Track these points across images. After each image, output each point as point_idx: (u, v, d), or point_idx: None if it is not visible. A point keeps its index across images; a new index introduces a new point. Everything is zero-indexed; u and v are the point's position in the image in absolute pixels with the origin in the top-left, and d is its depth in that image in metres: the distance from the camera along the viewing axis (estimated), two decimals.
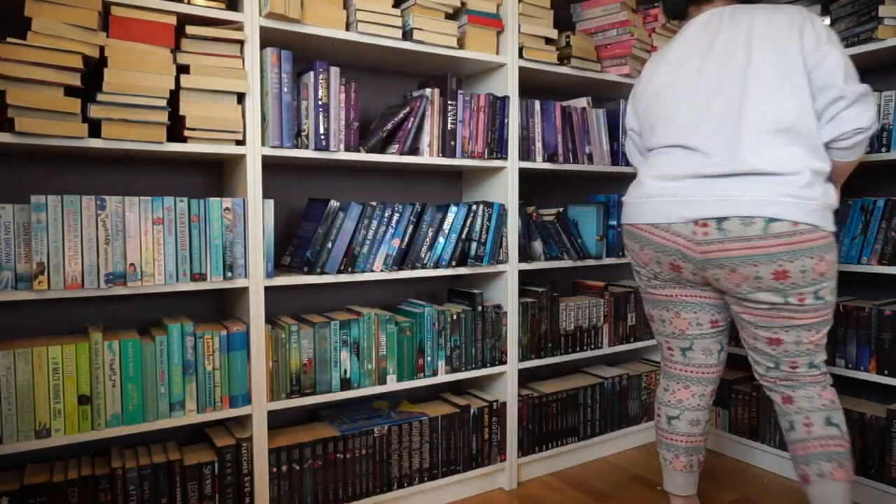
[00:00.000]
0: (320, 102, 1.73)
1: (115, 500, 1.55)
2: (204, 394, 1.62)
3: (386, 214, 1.87)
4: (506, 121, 2.08)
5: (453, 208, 1.98)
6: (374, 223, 1.85)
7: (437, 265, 1.98)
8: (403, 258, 1.91)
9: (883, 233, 1.94)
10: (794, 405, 1.57)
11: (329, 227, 1.78)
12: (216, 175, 1.90)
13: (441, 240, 1.98)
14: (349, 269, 1.81)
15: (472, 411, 2.07)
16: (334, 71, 1.75)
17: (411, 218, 1.91)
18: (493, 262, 2.07)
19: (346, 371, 1.82)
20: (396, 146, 1.89)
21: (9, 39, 1.34)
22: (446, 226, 1.98)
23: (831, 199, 1.43)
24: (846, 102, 1.41)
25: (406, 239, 1.91)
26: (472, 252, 2.03)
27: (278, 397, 1.73)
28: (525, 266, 2.15)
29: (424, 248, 1.95)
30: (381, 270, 1.87)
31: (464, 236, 2.01)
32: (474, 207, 2.02)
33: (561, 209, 2.32)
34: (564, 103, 2.30)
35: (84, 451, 1.73)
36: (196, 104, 1.57)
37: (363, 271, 1.84)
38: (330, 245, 1.78)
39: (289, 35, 1.73)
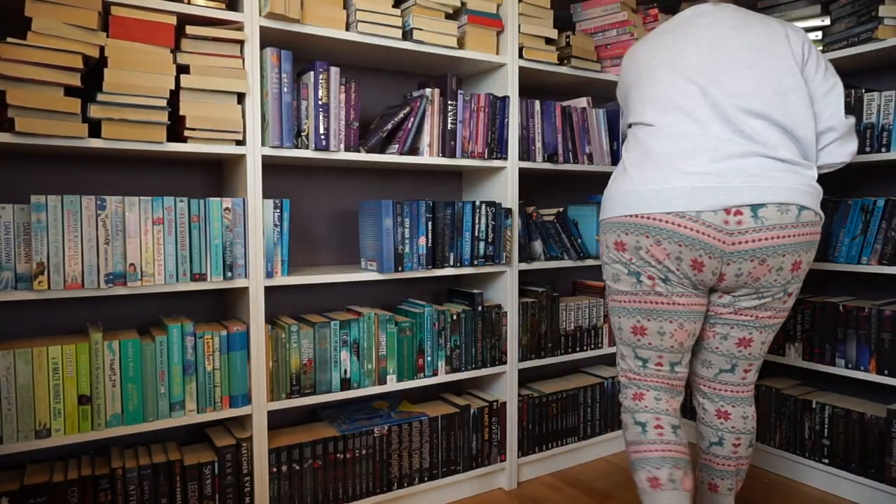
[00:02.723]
0: (320, 102, 1.73)
1: (115, 500, 1.55)
2: (204, 394, 1.62)
3: (409, 210, 1.89)
4: (506, 121, 2.08)
5: (459, 205, 1.98)
6: (407, 221, 1.89)
7: (461, 264, 2.00)
8: (433, 257, 1.94)
9: (883, 233, 1.94)
10: (728, 422, 1.58)
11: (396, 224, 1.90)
12: (216, 175, 1.90)
13: (459, 239, 1.99)
14: (399, 269, 1.89)
15: (472, 411, 2.07)
16: (334, 71, 1.75)
17: (427, 214, 1.92)
18: (504, 261, 2.07)
19: (346, 371, 1.83)
20: (396, 146, 1.89)
21: (9, 39, 1.34)
22: (460, 224, 1.99)
23: None
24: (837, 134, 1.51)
25: (430, 237, 1.93)
26: (482, 251, 2.04)
27: (278, 397, 1.73)
28: (525, 266, 2.15)
29: (447, 246, 1.97)
30: (418, 269, 1.91)
31: (476, 235, 2.02)
32: (479, 206, 2.02)
33: (561, 209, 2.32)
34: (564, 103, 2.30)
35: (84, 451, 1.72)
36: (196, 104, 1.57)
37: (411, 270, 1.91)
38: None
39: (289, 35, 1.73)
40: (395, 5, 1.92)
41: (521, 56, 2.11)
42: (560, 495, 2.12)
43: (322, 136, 1.74)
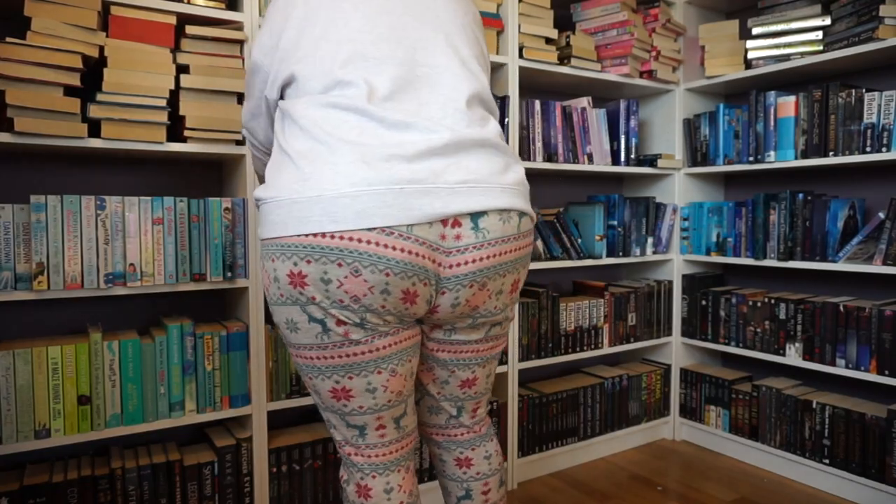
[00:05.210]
0: None
1: (114, 501, 1.55)
2: (204, 394, 1.62)
3: None
4: (506, 120, 2.07)
5: None
6: None
7: None
8: None
9: (887, 233, 1.94)
10: (472, 469, 1.25)
11: None
12: (216, 175, 1.90)
13: None
14: None
15: None
16: None
17: None
18: None
19: None
20: None
21: (8, 39, 1.34)
22: None
23: None
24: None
25: None
26: None
27: (278, 397, 1.73)
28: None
29: None
30: None
31: None
32: None
33: (561, 209, 2.32)
34: (564, 103, 2.30)
35: (84, 451, 1.72)
36: (196, 104, 1.57)
37: None
38: None
39: None
40: None
41: (521, 56, 2.11)
42: (560, 495, 2.11)
43: None
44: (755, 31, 2.25)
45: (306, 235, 0.96)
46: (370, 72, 1.02)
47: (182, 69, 1.58)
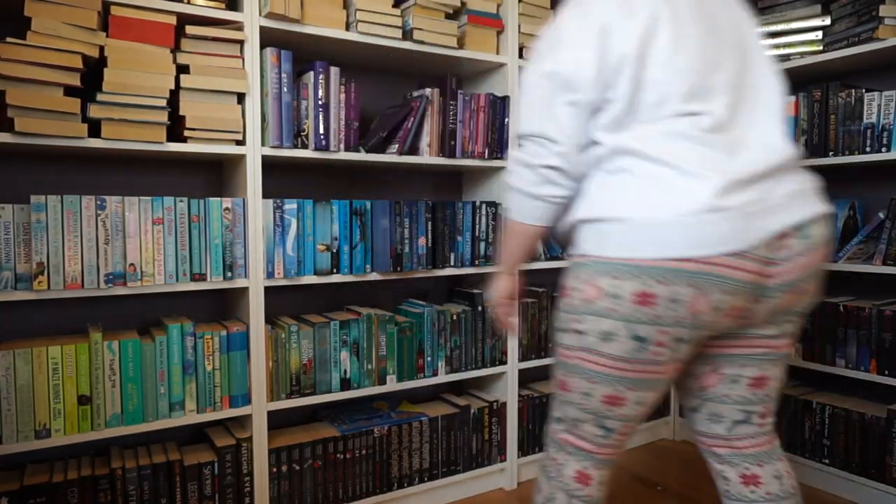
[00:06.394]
0: (320, 102, 1.73)
1: (114, 501, 1.55)
2: (204, 394, 1.62)
3: (408, 211, 1.89)
4: (506, 121, 2.07)
5: (459, 205, 1.99)
6: (407, 221, 1.89)
7: (461, 265, 2.01)
8: (433, 257, 1.95)
9: (887, 233, 1.94)
10: (761, 489, 1.16)
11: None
12: (216, 175, 1.90)
13: (459, 238, 1.99)
14: (398, 269, 1.88)
15: (472, 411, 2.07)
16: (334, 71, 1.75)
17: (427, 214, 1.92)
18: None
19: (345, 371, 1.82)
20: (396, 146, 1.89)
21: (9, 39, 1.35)
22: (459, 224, 1.99)
23: None
24: None
25: (430, 237, 1.94)
26: (482, 251, 2.04)
27: (278, 397, 1.73)
28: (525, 266, 2.15)
29: (447, 247, 1.98)
30: (418, 270, 1.89)
31: (476, 235, 2.03)
32: (479, 206, 2.02)
33: None
34: None
35: (84, 451, 1.72)
36: (196, 104, 1.57)
37: (410, 270, 1.91)
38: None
39: (289, 35, 1.73)
40: (395, 5, 1.92)
41: (521, 56, 2.11)
42: None
43: (322, 136, 1.74)
44: None
45: (667, 260, 0.98)
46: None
47: (182, 69, 1.57)
